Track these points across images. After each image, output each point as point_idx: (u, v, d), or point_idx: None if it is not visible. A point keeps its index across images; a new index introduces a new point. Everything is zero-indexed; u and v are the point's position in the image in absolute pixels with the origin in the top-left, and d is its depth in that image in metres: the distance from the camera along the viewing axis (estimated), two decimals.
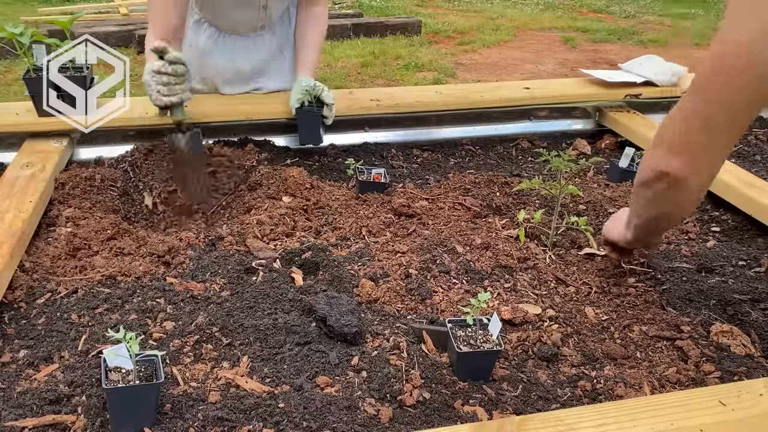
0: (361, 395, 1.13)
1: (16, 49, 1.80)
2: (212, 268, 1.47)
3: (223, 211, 1.79)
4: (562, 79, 2.75)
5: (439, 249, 1.57)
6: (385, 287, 1.42)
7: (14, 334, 1.25)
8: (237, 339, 1.26)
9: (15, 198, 1.58)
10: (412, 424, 1.08)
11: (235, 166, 1.90)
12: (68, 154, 1.91)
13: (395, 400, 1.12)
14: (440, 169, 2.07)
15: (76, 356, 1.19)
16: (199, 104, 2.06)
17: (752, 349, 1.31)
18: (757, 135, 2.36)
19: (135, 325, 1.27)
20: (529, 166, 2.12)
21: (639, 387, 1.20)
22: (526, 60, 7.76)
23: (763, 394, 1.02)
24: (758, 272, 1.57)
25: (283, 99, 2.07)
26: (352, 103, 2.17)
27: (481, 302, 1.22)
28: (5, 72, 6.16)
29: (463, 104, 2.25)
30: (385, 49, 7.63)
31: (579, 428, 0.96)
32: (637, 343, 1.32)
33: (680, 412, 0.99)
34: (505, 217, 1.78)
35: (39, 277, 1.41)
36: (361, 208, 1.76)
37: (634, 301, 1.45)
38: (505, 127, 2.32)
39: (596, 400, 1.17)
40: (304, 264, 1.50)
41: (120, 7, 7.93)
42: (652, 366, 1.26)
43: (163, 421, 1.04)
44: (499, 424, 0.98)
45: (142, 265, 1.46)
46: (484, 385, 1.17)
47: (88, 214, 1.64)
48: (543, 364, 1.25)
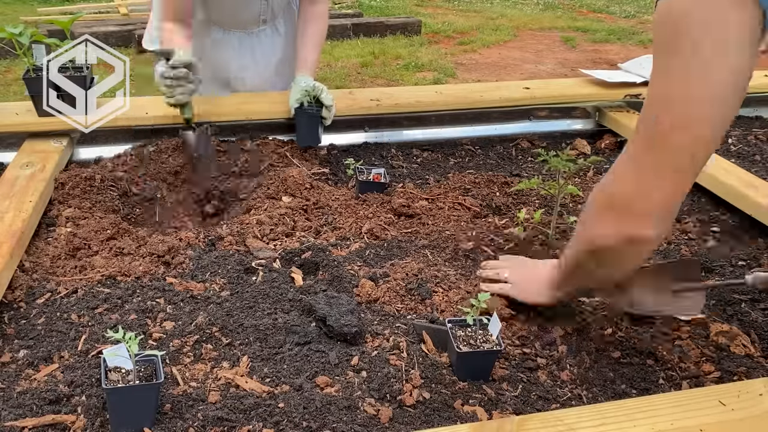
0: (360, 395, 1.13)
1: (16, 49, 1.80)
2: (212, 268, 1.47)
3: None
4: (562, 79, 2.75)
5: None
6: (384, 287, 1.42)
7: (14, 334, 1.25)
8: (237, 339, 1.26)
9: (15, 198, 1.58)
10: (411, 424, 1.08)
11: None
12: (68, 154, 1.91)
13: (395, 400, 1.12)
14: (440, 169, 2.07)
15: (76, 356, 1.20)
16: (199, 104, 2.06)
17: (752, 349, 1.31)
18: (757, 135, 2.36)
19: (135, 325, 1.27)
20: (529, 166, 2.12)
21: (639, 386, 1.20)
22: (526, 60, 7.76)
23: (763, 394, 1.02)
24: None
25: (283, 99, 2.07)
26: (352, 103, 2.17)
27: (481, 302, 1.22)
28: (5, 72, 6.16)
29: (463, 104, 2.25)
30: (385, 49, 7.63)
31: (579, 428, 0.96)
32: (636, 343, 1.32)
33: (680, 412, 0.99)
34: (505, 217, 1.78)
35: (39, 277, 1.41)
36: (361, 208, 1.77)
37: None
38: (505, 127, 2.32)
39: (596, 400, 1.17)
40: (304, 264, 1.50)
41: (120, 7, 7.92)
42: (652, 366, 1.26)
43: (163, 421, 1.04)
44: (499, 424, 0.98)
45: (142, 265, 1.46)
46: (483, 385, 1.17)
47: (88, 214, 1.64)
48: (542, 363, 1.25)
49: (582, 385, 1.21)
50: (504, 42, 8.50)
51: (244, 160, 1.94)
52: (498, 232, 1.66)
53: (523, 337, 1.31)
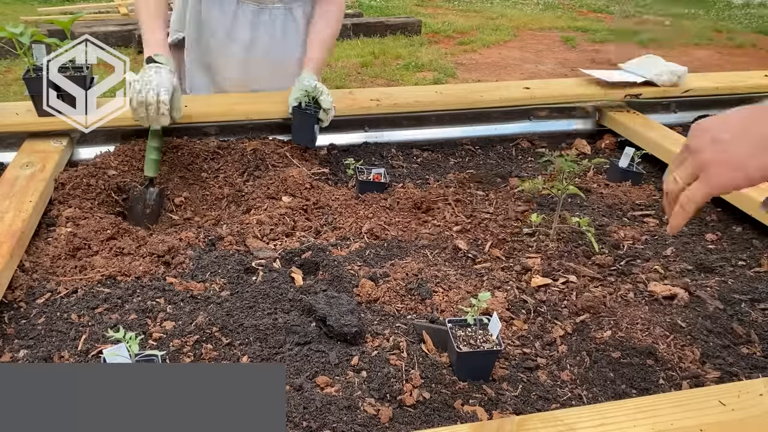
0: (360, 395, 1.13)
1: (16, 49, 1.80)
2: (212, 268, 1.47)
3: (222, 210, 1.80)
4: (562, 79, 2.75)
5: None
6: (385, 287, 1.42)
7: (14, 334, 1.25)
8: (237, 339, 1.26)
9: (15, 198, 1.58)
10: (411, 423, 1.08)
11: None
12: (68, 154, 1.91)
13: (395, 399, 1.12)
14: (440, 169, 2.07)
15: (76, 356, 1.19)
16: (199, 104, 2.06)
17: (752, 349, 1.31)
18: None
19: (135, 325, 1.27)
20: (529, 166, 2.12)
21: (639, 386, 1.20)
22: (526, 60, 7.77)
23: (763, 394, 1.02)
24: (758, 272, 1.57)
25: (282, 99, 2.07)
26: (352, 103, 2.17)
27: (481, 302, 1.22)
28: (5, 72, 6.16)
29: (463, 104, 2.25)
30: (385, 49, 7.64)
31: (578, 428, 0.96)
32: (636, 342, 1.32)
33: (680, 412, 0.99)
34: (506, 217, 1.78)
35: (39, 277, 1.41)
36: (361, 208, 1.77)
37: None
38: (505, 127, 2.32)
39: (596, 400, 1.17)
40: (304, 264, 1.50)
41: (120, 6, 7.93)
42: (652, 366, 1.26)
43: None
44: (499, 424, 0.98)
45: (142, 265, 1.46)
46: (483, 385, 1.17)
47: (88, 214, 1.64)
48: (542, 363, 1.25)
49: (582, 385, 1.21)
50: (504, 42, 8.50)
51: (244, 160, 1.94)
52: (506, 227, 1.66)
53: (523, 337, 1.31)
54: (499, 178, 2.00)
